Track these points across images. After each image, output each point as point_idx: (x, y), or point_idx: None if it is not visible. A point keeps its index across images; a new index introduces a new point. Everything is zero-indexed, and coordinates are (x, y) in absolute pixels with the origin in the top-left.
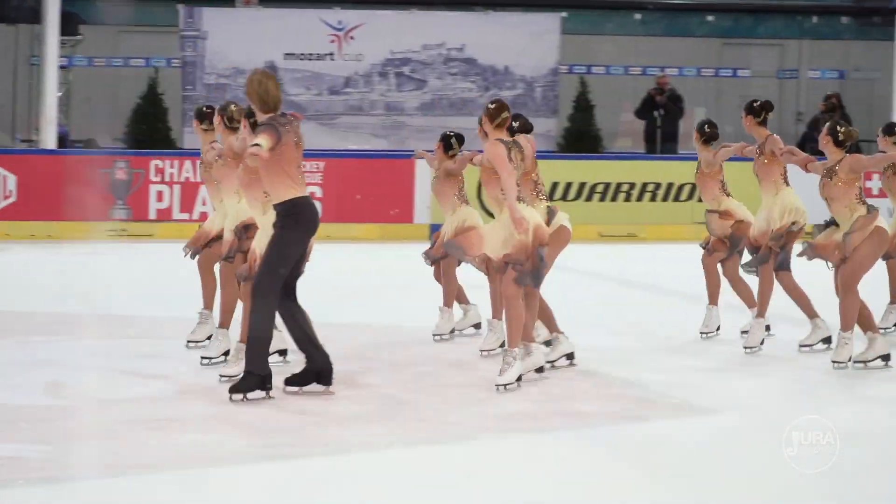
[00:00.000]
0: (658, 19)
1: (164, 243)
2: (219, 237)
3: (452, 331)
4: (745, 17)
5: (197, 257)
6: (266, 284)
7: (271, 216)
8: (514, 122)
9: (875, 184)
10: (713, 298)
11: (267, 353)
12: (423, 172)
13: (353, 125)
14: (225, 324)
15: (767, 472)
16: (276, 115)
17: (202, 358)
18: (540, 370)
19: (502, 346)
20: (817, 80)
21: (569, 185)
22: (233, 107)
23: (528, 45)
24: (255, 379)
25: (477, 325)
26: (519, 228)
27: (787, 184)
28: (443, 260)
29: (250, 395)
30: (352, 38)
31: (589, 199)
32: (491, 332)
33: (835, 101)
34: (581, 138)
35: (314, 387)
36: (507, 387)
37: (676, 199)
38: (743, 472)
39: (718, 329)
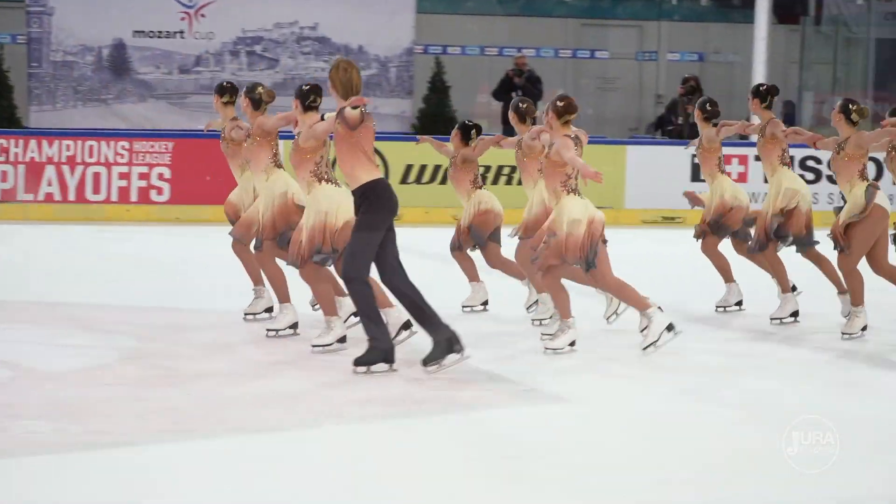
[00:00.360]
0: None
1: (8, 225)
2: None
3: (485, 303)
4: None
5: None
6: (354, 269)
7: (316, 194)
8: (520, 105)
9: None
10: (727, 277)
11: (384, 326)
12: None
13: (203, 105)
14: (285, 298)
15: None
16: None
17: (267, 330)
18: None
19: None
20: (676, 63)
21: (423, 167)
22: (260, 88)
23: (382, 24)
24: (378, 353)
25: (485, 303)
26: (596, 178)
27: (786, 165)
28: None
29: (374, 367)
30: (203, 15)
31: (444, 182)
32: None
33: (693, 84)
34: (436, 120)
35: (451, 358)
36: (557, 351)
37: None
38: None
39: (739, 304)
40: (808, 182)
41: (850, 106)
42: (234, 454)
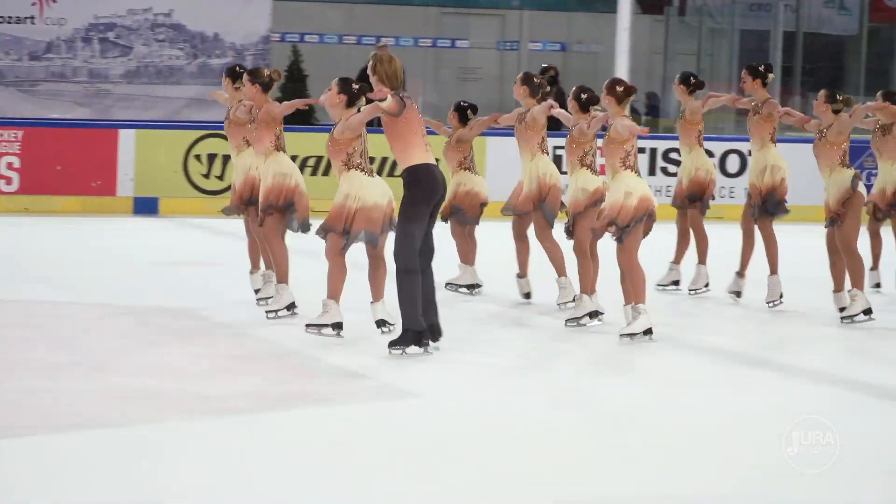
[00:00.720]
0: None
1: None
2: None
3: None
4: None
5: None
6: (398, 258)
7: (344, 180)
8: (582, 95)
9: None
10: (702, 257)
11: (418, 311)
12: (127, 143)
13: (54, 92)
14: (284, 278)
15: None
16: (398, 92)
17: (267, 312)
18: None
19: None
20: (539, 53)
21: None
22: (266, 71)
23: (238, 12)
24: (411, 335)
25: (470, 287)
26: (644, 131)
27: (774, 143)
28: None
29: (408, 350)
30: (54, 1)
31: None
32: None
33: (553, 74)
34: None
35: (413, 349)
36: (633, 337)
37: (391, 174)
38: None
39: (707, 286)
40: (672, 174)
41: (837, 96)
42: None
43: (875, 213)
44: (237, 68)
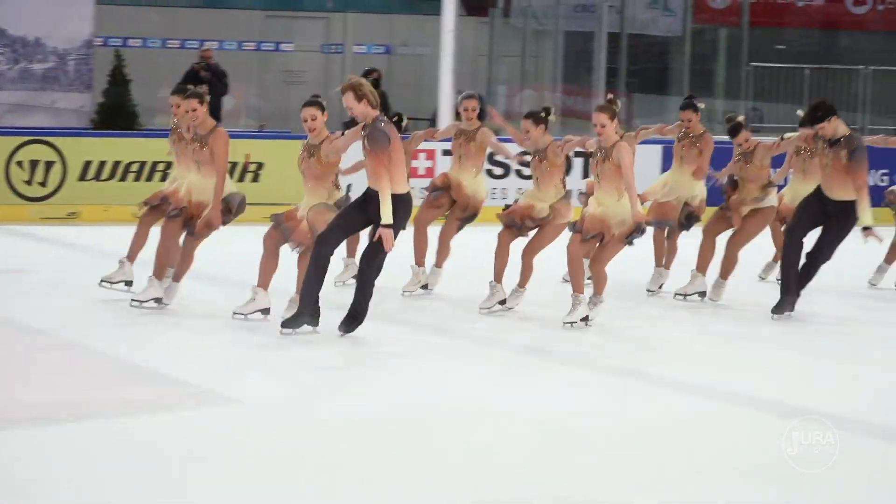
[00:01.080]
0: None
1: None
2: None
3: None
4: None
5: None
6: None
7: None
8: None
9: None
10: (658, 261)
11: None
12: None
13: None
14: (158, 275)
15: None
16: (379, 114)
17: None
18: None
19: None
20: (363, 55)
21: (102, 163)
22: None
23: (60, 16)
24: (359, 321)
25: (425, 286)
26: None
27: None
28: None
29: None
30: None
31: (123, 178)
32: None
33: (376, 77)
34: (116, 114)
35: (304, 327)
36: (574, 325)
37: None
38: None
39: (661, 287)
40: (497, 177)
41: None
42: None
43: (784, 221)
44: (186, 87)
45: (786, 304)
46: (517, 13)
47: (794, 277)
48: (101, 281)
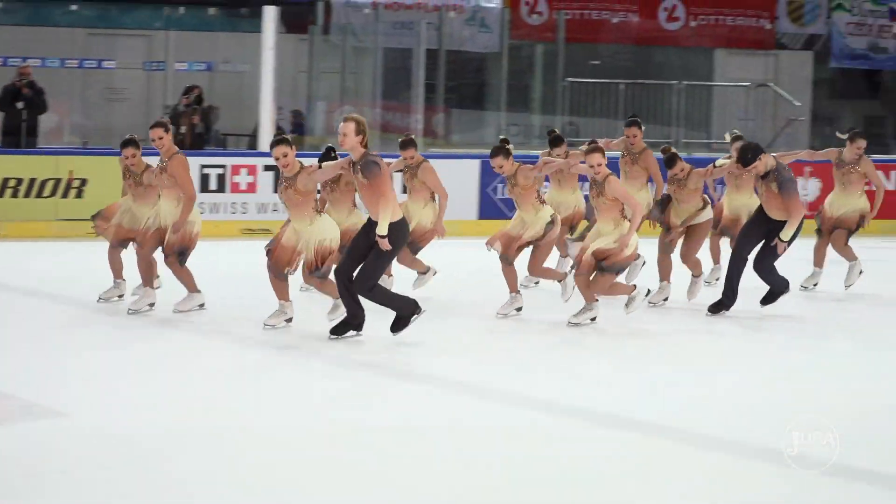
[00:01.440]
0: (20, 8)
1: None
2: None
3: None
4: (111, 8)
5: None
6: (372, 283)
7: (318, 225)
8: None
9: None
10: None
11: (402, 299)
12: None
13: None
14: (148, 284)
15: None
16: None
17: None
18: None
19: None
20: (185, 72)
21: None
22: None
23: None
24: (405, 320)
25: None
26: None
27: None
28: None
29: (412, 320)
30: None
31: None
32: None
33: (197, 94)
34: None
35: (352, 333)
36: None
37: (39, 195)
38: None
39: (666, 300)
40: None
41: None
42: None
43: (723, 232)
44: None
45: (723, 305)
46: (336, 30)
47: (736, 286)
48: (99, 298)
